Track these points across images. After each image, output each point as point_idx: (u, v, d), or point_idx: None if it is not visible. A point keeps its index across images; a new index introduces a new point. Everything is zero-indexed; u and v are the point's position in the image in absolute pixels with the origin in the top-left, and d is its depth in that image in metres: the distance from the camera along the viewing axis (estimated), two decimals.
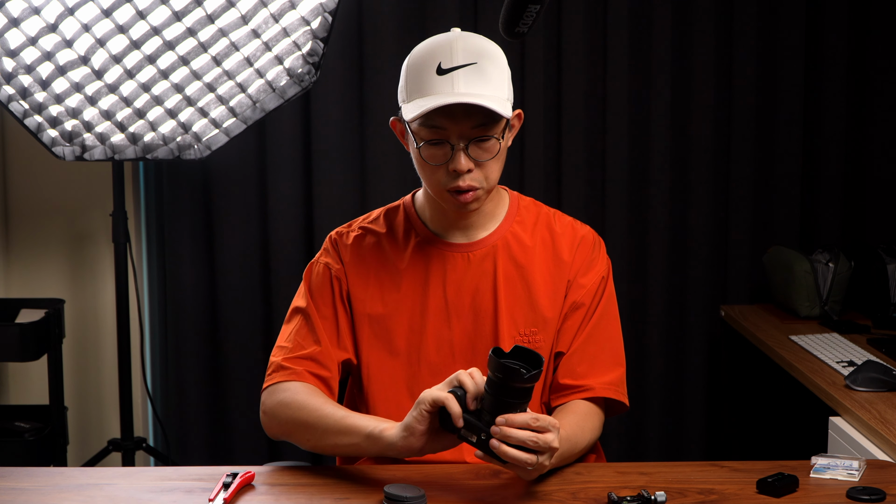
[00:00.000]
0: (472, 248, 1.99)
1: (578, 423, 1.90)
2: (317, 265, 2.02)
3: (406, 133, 1.92)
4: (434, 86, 1.83)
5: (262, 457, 3.49)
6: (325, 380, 1.95)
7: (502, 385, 1.63)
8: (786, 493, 1.73)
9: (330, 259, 2.01)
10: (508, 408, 1.64)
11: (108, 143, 3.06)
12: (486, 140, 1.86)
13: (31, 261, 3.51)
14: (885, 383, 2.50)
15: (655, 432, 3.57)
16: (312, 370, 1.95)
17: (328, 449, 1.86)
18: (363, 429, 1.78)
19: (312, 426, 1.85)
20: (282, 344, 1.99)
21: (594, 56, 3.45)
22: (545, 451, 1.65)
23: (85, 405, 3.56)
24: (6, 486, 1.78)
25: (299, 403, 1.88)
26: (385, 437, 1.74)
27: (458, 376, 1.69)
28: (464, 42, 1.85)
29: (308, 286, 2.01)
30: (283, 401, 1.91)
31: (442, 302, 1.97)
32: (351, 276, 1.99)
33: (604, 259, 2.04)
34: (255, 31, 2.96)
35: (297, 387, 1.92)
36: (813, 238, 3.55)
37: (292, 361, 1.95)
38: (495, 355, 1.62)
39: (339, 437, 1.81)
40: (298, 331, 1.98)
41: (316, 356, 1.95)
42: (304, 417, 1.87)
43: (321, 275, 2.00)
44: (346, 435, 1.80)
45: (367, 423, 1.79)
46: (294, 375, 1.94)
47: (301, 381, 1.93)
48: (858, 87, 3.51)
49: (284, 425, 1.91)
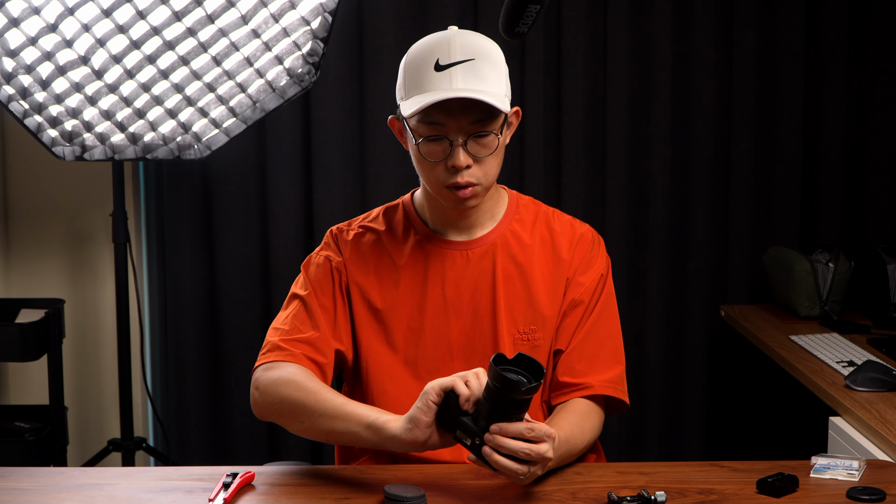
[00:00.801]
0: (472, 246, 1.99)
1: (578, 423, 1.90)
2: (316, 257, 2.02)
3: (404, 131, 1.93)
4: (432, 82, 1.84)
5: (262, 457, 3.49)
6: (321, 366, 1.93)
7: (500, 394, 1.61)
8: (786, 493, 1.73)
9: (330, 252, 2.01)
10: (505, 416, 1.62)
11: (108, 143, 3.06)
12: (485, 136, 1.86)
13: (31, 261, 3.51)
14: (885, 383, 2.50)
15: (655, 432, 3.57)
16: (309, 354, 1.93)
17: (322, 435, 1.83)
18: (364, 418, 1.76)
19: (310, 408, 1.81)
20: (278, 326, 1.98)
21: (594, 56, 3.45)
22: (537, 461, 1.64)
23: (85, 405, 3.56)
24: (6, 486, 1.78)
25: (297, 384, 1.84)
26: (388, 428, 1.72)
27: (453, 382, 1.67)
28: (462, 39, 1.86)
29: (307, 275, 2.01)
30: (280, 378, 1.87)
31: (441, 300, 1.97)
32: (351, 271, 1.99)
33: (603, 257, 2.04)
34: (255, 31, 2.96)
35: (293, 368, 1.89)
36: (813, 238, 3.55)
37: (289, 343, 1.93)
38: (495, 363, 1.60)
39: (337, 423, 1.78)
40: (297, 315, 1.97)
41: (314, 341, 1.94)
42: (301, 398, 1.83)
43: (321, 266, 2.00)
44: (345, 421, 1.77)
45: (369, 412, 1.77)
46: (290, 357, 1.92)
47: (297, 364, 1.91)
48: (858, 87, 3.51)
49: (278, 405, 1.86)
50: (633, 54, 3.45)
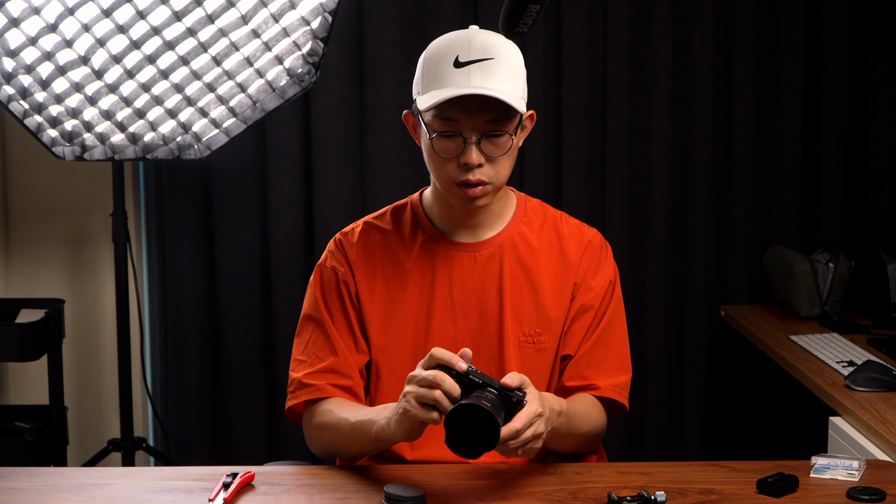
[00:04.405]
0: (479, 248, 1.99)
1: (583, 403, 1.92)
2: (324, 269, 2.01)
3: (419, 126, 1.92)
4: (450, 78, 1.84)
5: (262, 457, 3.48)
6: (348, 388, 1.96)
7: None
8: (786, 493, 1.73)
9: (336, 262, 2.01)
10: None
11: (108, 143, 3.06)
12: (499, 136, 1.86)
13: (31, 261, 3.51)
14: (885, 383, 2.50)
15: (655, 432, 3.57)
16: (334, 382, 1.95)
17: (366, 454, 1.91)
18: (368, 433, 1.82)
19: (344, 445, 1.91)
20: (299, 357, 1.99)
21: (594, 56, 3.45)
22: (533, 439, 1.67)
23: (85, 405, 3.56)
24: (6, 486, 1.78)
25: (327, 426, 1.92)
26: (385, 431, 1.77)
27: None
28: (482, 38, 1.86)
29: (318, 292, 2.00)
30: (315, 427, 1.95)
31: (448, 301, 1.97)
32: (358, 277, 1.99)
33: (611, 263, 2.04)
34: (255, 31, 2.96)
35: (324, 408, 1.94)
36: (813, 238, 3.55)
37: (313, 377, 1.95)
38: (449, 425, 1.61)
39: (364, 446, 1.86)
40: (314, 342, 1.98)
41: (335, 367, 1.96)
42: (334, 441, 1.92)
43: (330, 279, 2.00)
44: (367, 442, 1.85)
45: (369, 426, 1.82)
46: (317, 392, 1.95)
47: (326, 397, 1.95)
48: (858, 87, 3.51)
49: (328, 451, 1.97)
50: (633, 54, 3.45)
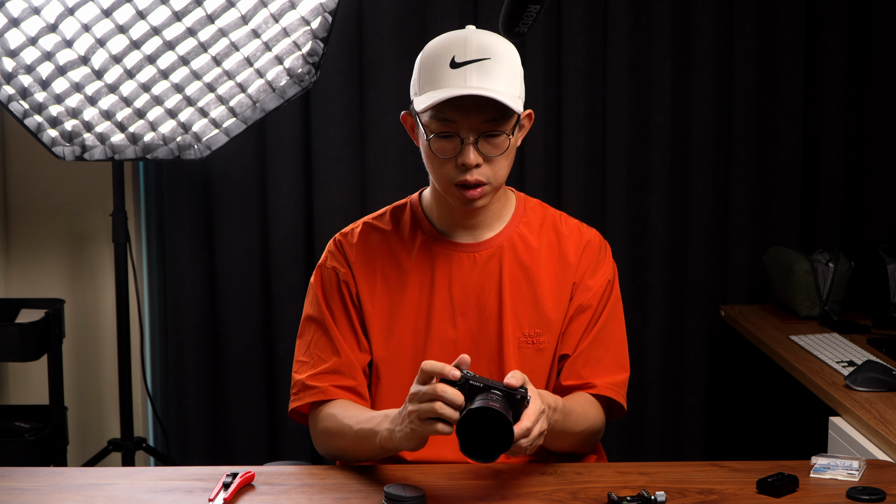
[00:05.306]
0: (479, 249, 1.99)
1: (579, 401, 1.92)
2: (325, 270, 2.01)
3: (416, 127, 1.92)
4: (447, 78, 1.84)
5: (262, 457, 3.48)
6: (351, 389, 1.96)
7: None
8: (786, 493, 1.73)
9: (336, 263, 2.01)
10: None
11: (108, 143, 3.06)
12: (497, 136, 1.86)
13: (31, 261, 3.51)
14: (885, 383, 2.50)
15: (655, 432, 3.57)
16: (337, 383, 1.95)
17: (373, 458, 1.89)
18: (372, 442, 1.81)
19: (350, 450, 1.90)
20: (301, 358, 1.99)
21: (594, 56, 3.45)
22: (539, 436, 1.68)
23: (85, 405, 3.56)
24: (6, 486, 1.78)
25: (332, 431, 1.92)
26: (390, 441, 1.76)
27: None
28: (479, 38, 1.86)
29: (319, 292, 2.00)
30: (321, 432, 1.95)
31: (448, 302, 1.97)
32: (358, 277, 1.99)
33: (610, 263, 2.04)
34: (255, 31, 2.96)
35: (328, 411, 1.94)
36: (813, 238, 3.55)
37: (316, 379, 1.95)
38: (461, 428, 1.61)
39: (373, 452, 1.85)
40: (316, 342, 1.98)
41: (338, 368, 1.96)
42: (340, 446, 1.92)
43: (331, 280, 2.00)
44: (372, 449, 1.84)
45: (372, 436, 1.81)
46: (321, 394, 1.95)
47: (330, 400, 1.94)
48: (858, 87, 3.51)
49: (333, 454, 1.96)
50: (633, 55, 3.45)
